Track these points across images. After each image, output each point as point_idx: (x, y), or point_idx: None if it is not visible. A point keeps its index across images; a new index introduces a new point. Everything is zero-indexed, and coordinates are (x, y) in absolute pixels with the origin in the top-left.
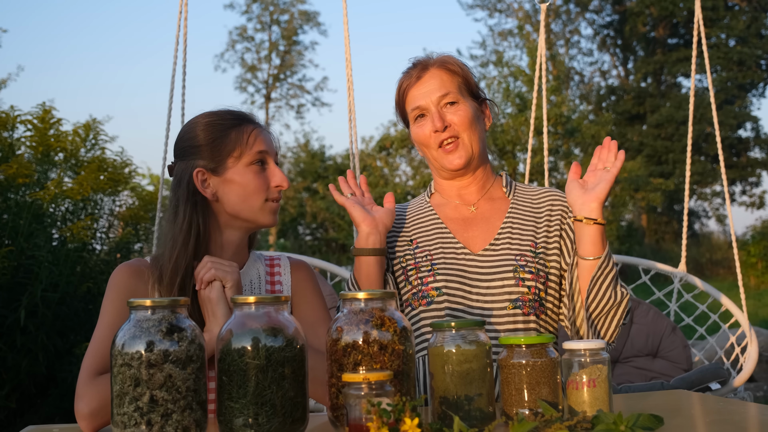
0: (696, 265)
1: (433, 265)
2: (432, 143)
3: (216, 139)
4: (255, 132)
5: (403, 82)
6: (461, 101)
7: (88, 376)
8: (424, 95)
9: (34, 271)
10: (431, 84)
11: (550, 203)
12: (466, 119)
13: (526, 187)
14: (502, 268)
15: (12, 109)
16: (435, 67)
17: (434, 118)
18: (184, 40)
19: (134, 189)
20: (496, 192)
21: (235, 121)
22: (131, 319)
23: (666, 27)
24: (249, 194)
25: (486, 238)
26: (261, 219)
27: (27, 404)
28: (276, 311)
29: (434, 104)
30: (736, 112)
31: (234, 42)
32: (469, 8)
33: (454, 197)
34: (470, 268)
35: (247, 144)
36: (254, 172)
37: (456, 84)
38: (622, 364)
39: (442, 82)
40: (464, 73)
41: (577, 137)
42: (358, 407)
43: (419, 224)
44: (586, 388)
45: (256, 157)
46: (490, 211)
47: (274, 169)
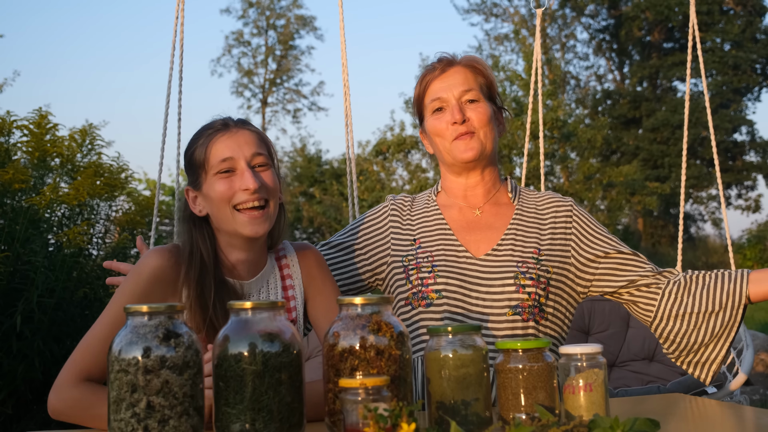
0: (692, 269)
1: (434, 267)
2: (448, 134)
3: (190, 156)
4: (217, 140)
5: (426, 74)
6: (481, 101)
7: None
8: (447, 88)
9: (30, 277)
10: (455, 78)
11: (555, 208)
12: (484, 117)
13: (531, 192)
14: (503, 274)
15: (8, 114)
16: (461, 65)
17: (454, 110)
18: (181, 45)
19: (130, 194)
20: (501, 197)
21: (203, 132)
22: (128, 325)
23: (661, 31)
24: (218, 206)
25: (489, 243)
26: (239, 230)
27: (23, 410)
28: (273, 317)
29: (455, 98)
30: (732, 116)
31: (230, 47)
32: (465, 12)
33: (459, 198)
34: (471, 272)
35: (209, 156)
36: (220, 180)
37: (479, 83)
38: (619, 368)
39: (466, 79)
40: (488, 76)
41: (573, 141)
42: (354, 412)
43: (424, 224)
44: (583, 392)
45: (220, 167)
46: (495, 217)
47: (242, 171)
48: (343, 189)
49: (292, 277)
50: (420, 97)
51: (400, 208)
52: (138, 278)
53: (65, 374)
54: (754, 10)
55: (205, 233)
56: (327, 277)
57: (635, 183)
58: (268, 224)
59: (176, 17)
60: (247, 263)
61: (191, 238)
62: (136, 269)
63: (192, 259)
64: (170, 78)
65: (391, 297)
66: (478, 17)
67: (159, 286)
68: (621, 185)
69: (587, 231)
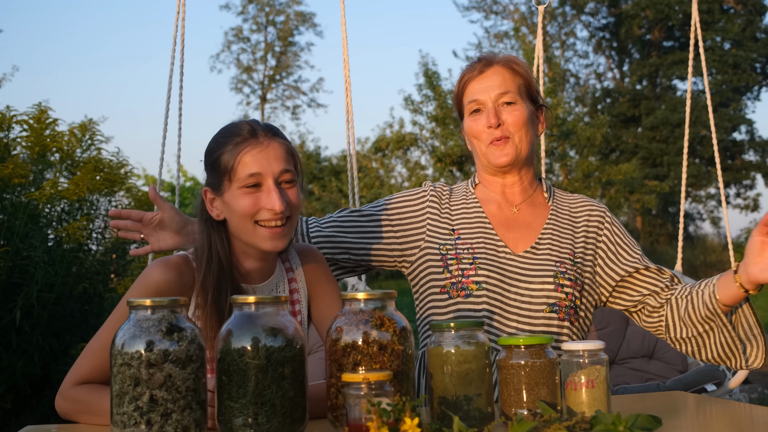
0: (690, 267)
1: (475, 259)
2: (484, 137)
3: (214, 161)
4: (247, 152)
5: (465, 74)
6: (519, 102)
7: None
8: (484, 90)
9: (29, 272)
10: (493, 80)
11: (588, 213)
12: (520, 120)
13: (565, 194)
14: (543, 271)
15: (8, 109)
16: (499, 65)
17: (490, 114)
18: (182, 40)
19: (130, 190)
20: (537, 197)
21: (231, 138)
22: (131, 319)
23: (661, 30)
24: (239, 218)
25: (527, 241)
26: (259, 243)
27: (22, 405)
28: (276, 311)
29: (492, 100)
30: (731, 115)
31: (230, 43)
32: (465, 10)
33: (498, 193)
34: (511, 267)
35: (237, 167)
36: (245, 195)
37: (516, 84)
38: (618, 365)
39: (504, 80)
40: (527, 76)
41: (572, 139)
42: (357, 407)
43: (463, 215)
44: (585, 388)
45: (247, 181)
46: (532, 216)
47: (269, 190)
48: (341, 186)
49: (297, 280)
50: (459, 96)
51: (440, 196)
52: (144, 292)
53: (69, 378)
54: (754, 9)
55: (223, 237)
56: (329, 276)
57: (634, 181)
58: (287, 239)
59: (177, 12)
60: (260, 270)
61: (209, 242)
62: (142, 282)
63: (210, 264)
64: (171, 74)
65: (394, 292)
66: (478, 14)
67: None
68: (620, 183)
69: (617, 243)
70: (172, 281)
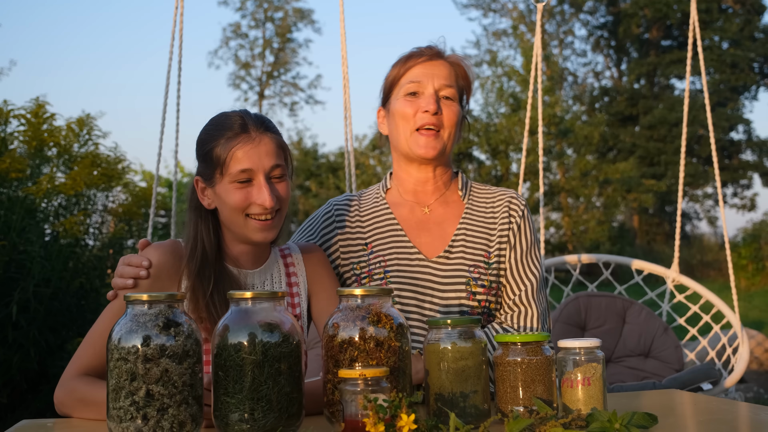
0: (687, 267)
1: (386, 273)
2: (414, 121)
3: (207, 152)
4: (239, 147)
5: (411, 56)
6: (456, 102)
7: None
8: (429, 76)
9: (26, 266)
10: (441, 70)
11: (508, 205)
12: (455, 118)
13: (484, 188)
14: (455, 279)
15: (5, 103)
16: (449, 60)
17: (429, 100)
18: (180, 36)
19: (127, 185)
20: (451, 195)
21: (222, 131)
22: (128, 314)
23: (660, 29)
24: (230, 211)
25: (440, 245)
26: (249, 235)
27: (18, 399)
28: (273, 307)
29: (434, 88)
30: (729, 114)
31: (228, 39)
32: (464, 8)
33: (410, 193)
34: (424, 275)
35: (229, 162)
36: (236, 189)
37: (459, 85)
38: (615, 363)
39: (449, 75)
40: (470, 81)
41: (570, 138)
42: (354, 403)
43: (375, 224)
44: (581, 386)
45: (238, 177)
46: (444, 215)
47: (260, 186)
48: (339, 182)
49: (297, 274)
50: (396, 77)
51: (347, 211)
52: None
53: (68, 369)
54: (752, 8)
55: (210, 226)
56: (330, 273)
57: (631, 180)
58: (276, 230)
59: (176, 8)
60: (252, 255)
61: (196, 231)
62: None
63: (194, 252)
64: (169, 69)
65: (392, 288)
66: (477, 12)
67: (159, 282)
68: (617, 182)
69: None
70: (166, 264)
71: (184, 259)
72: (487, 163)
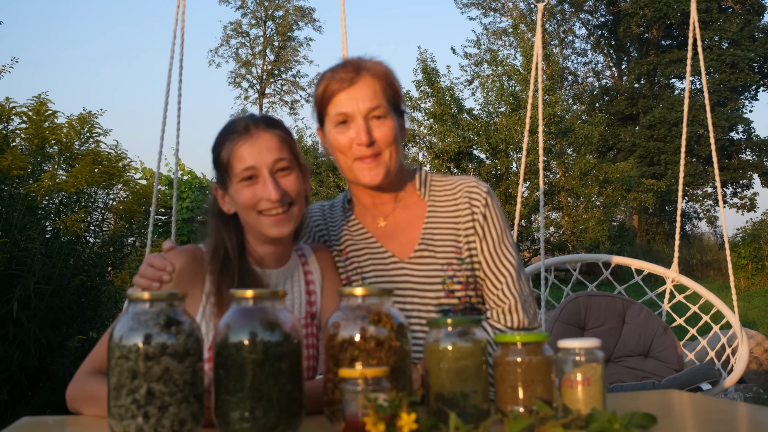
0: (686, 266)
1: (363, 279)
2: (351, 153)
3: (216, 159)
4: (240, 147)
5: (331, 82)
6: (388, 116)
7: (88, 368)
8: (353, 102)
9: (27, 264)
10: (363, 92)
11: (469, 195)
12: (390, 136)
13: (444, 180)
14: (431, 279)
15: (7, 100)
16: (369, 75)
17: (360, 130)
18: (182, 34)
19: (127, 183)
20: (410, 197)
21: (227, 136)
22: (129, 312)
23: (660, 28)
24: (243, 210)
25: (411, 245)
26: (265, 231)
27: (18, 396)
28: (274, 306)
29: (362, 114)
30: (729, 114)
31: (228, 37)
32: (464, 7)
33: (370, 207)
34: (401, 276)
35: (233, 163)
36: (244, 188)
37: (386, 96)
38: (614, 363)
39: (375, 93)
40: (396, 87)
41: (570, 137)
42: (354, 403)
43: (347, 234)
44: (581, 386)
45: (243, 175)
46: (407, 221)
47: (265, 181)
48: (339, 181)
49: (313, 272)
50: (322, 102)
51: (320, 220)
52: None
53: (83, 366)
54: (752, 8)
55: (231, 229)
56: (337, 273)
57: (631, 180)
58: (293, 224)
59: (177, 6)
60: (275, 255)
61: (218, 235)
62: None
63: (217, 253)
64: (170, 67)
65: (392, 288)
66: (477, 11)
67: (180, 286)
68: (617, 182)
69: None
70: (188, 269)
71: (205, 262)
72: (487, 162)
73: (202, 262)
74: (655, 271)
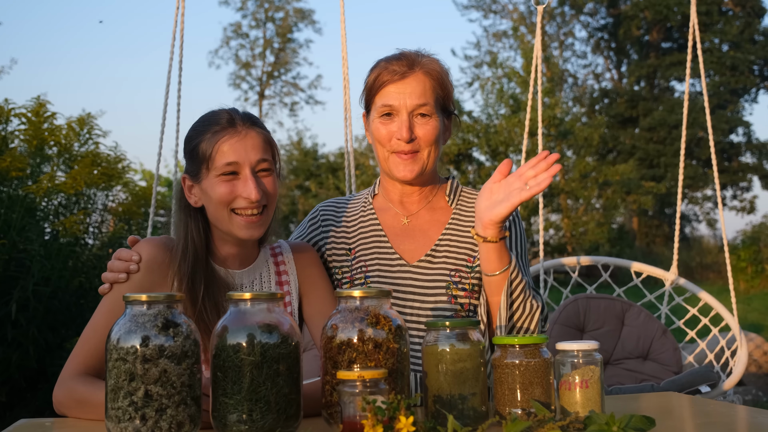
0: (686, 269)
1: (366, 278)
2: (390, 145)
3: (193, 148)
4: (224, 141)
5: (382, 72)
6: (433, 116)
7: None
8: (401, 96)
9: (26, 265)
10: (412, 87)
11: None
12: (432, 135)
13: (473, 193)
14: (435, 284)
15: (6, 102)
16: (422, 72)
17: (403, 126)
18: (181, 36)
19: (126, 184)
20: (438, 201)
21: (208, 127)
22: (127, 314)
23: (660, 31)
24: (216, 206)
25: (423, 250)
26: (235, 232)
27: (17, 398)
28: (271, 308)
29: (407, 110)
30: (728, 116)
31: (228, 38)
32: (464, 9)
33: (396, 203)
34: (404, 280)
35: (214, 156)
36: (222, 182)
37: (435, 96)
38: (613, 366)
39: (424, 90)
40: (447, 87)
41: (569, 139)
42: (352, 405)
43: (360, 231)
44: (579, 388)
45: (224, 169)
46: (429, 223)
47: (246, 179)
48: (338, 183)
49: (288, 273)
50: (371, 92)
51: (334, 216)
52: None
53: (66, 368)
54: (753, 11)
55: (199, 225)
56: (322, 275)
57: (631, 182)
58: (263, 228)
59: (177, 8)
60: (239, 256)
61: (186, 231)
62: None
63: (186, 253)
64: (170, 68)
65: (390, 290)
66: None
67: (151, 275)
68: (617, 184)
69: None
70: (158, 257)
71: (176, 257)
72: (487, 164)
73: (172, 251)
74: (654, 274)
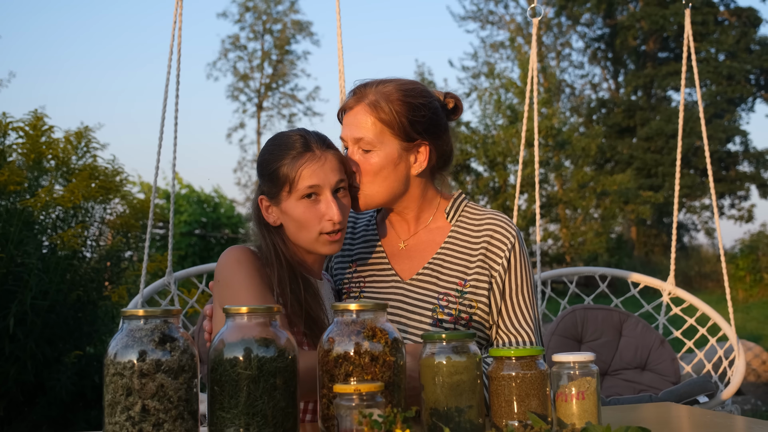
0: (685, 278)
1: (361, 293)
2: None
3: (272, 171)
4: (306, 165)
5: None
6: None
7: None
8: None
9: (23, 279)
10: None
11: (490, 235)
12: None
13: (476, 210)
14: (422, 304)
15: (4, 115)
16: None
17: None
18: (179, 48)
19: (125, 197)
20: (436, 221)
21: (287, 152)
22: (123, 329)
23: (656, 41)
24: (301, 228)
25: (416, 269)
26: (319, 249)
27: (14, 412)
28: (268, 321)
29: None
30: (725, 126)
31: (226, 51)
32: (462, 20)
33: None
34: (396, 296)
35: (296, 179)
36: (305, 206)
37: (379, 128)
38: (611, 376)
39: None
40: (393, 114)
41: (567, 149)
42: (349, 418)
43: (363, 245)
44: (575, 400)
45: (306, 192)
46: (425, 243)
47: (328, 202)
48: None
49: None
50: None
51: (351, 230)
52: (248, 264)
53: None
54: (748, 20)
55: (284, 239)
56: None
57: (629, 192)
58: (342, 242)
59: (174, 22)
60: (318, 263)
61: (273, 243)
62: (236, 262)
63: (280, 261)
64: (167, 81)
65: (386, 303)
66: (474, 24)
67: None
68: (614, 194)
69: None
70: (256, 258)
71: (272, 269)
72: (485, 175)
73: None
74: (652, 284)
